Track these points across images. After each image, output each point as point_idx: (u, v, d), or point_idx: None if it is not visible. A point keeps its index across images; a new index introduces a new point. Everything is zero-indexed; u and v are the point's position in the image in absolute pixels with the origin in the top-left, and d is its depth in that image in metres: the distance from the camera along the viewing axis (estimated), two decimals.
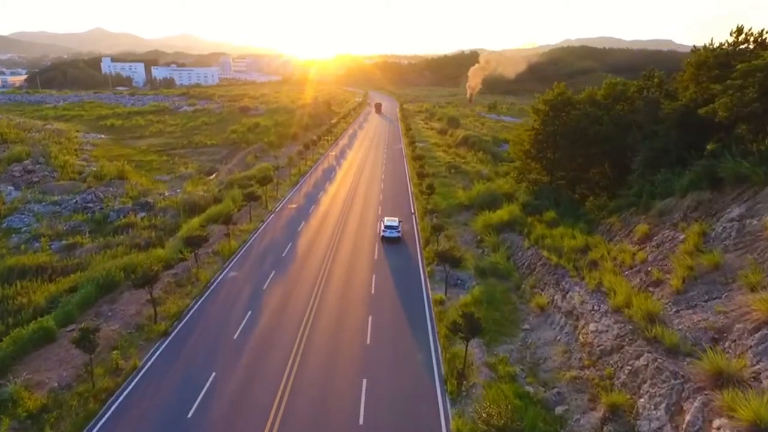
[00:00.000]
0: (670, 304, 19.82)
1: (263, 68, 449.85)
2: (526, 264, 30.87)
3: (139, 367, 21.67)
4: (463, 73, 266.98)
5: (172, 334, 24.58)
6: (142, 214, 44.94)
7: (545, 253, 29.21)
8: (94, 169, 60.98)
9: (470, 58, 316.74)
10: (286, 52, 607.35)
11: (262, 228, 41.07)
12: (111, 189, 52.30)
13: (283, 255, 35.29)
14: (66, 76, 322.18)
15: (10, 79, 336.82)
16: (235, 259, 34.41)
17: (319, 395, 20.11)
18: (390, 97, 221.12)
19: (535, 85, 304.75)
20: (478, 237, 38.30)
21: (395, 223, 38.82)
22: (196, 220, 39.83)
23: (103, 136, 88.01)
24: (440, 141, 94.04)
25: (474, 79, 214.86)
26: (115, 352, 21.89)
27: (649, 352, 17.60)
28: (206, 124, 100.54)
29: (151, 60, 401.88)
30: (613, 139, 36.13)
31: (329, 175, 62.34)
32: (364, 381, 21.06)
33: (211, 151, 75.45)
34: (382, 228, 38.87)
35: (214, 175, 61.28)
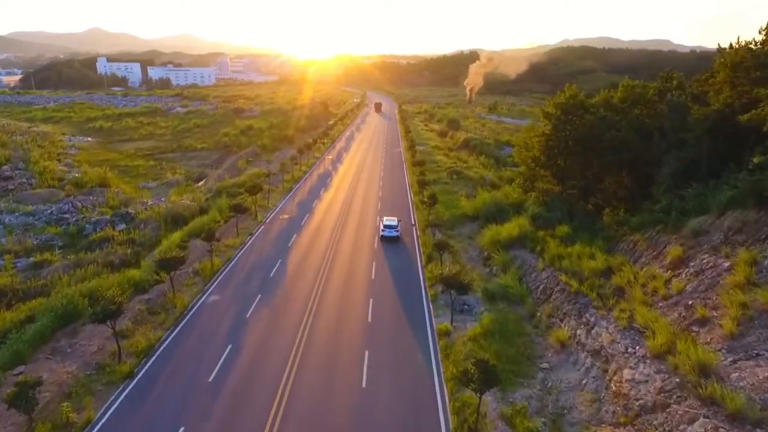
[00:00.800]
0: (723, 351, 16.64)
1: (261, 68, 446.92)
2: (540, 288, 27.68)
3: (93, 420, 18.39)
4: (462, 73, 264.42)
5: (138, 376, 21.32)
6: (121, 227, 41.69)
7: (563, 278, 26.01)
8: (77, 175, 57.66)
9: (469, 58, 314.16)
10: (285, 52, 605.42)
11: (249, 242, 37.81)
12: (91, 198, 49.01)
13: (272, 274, 32.05)
14: (61, 76, 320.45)
15: (6, 79, 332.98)
16: (218, 280, 31.15)
17: None
18: (389, 98, 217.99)
19: (535, 86, 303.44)
20: (485, 253, 35.12)
21: (394, 222, 39.35)
22: (176, 235, 36.59)
23: (90, 139, 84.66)
24: (441, 144, 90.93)
25: (475, 77, 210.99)
26: (65, 404, 18.60)
27: (706, 416, 14.42)
28: (198, 127, 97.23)
29: (147, 60, 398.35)
30: (632, 147, 32.97)
31: (325, 181, 59.12)
32: None
33: (201, 156, 72.19)
34: (381, 227, 39.22)
35: (202, 182, 58.01)
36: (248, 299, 28.54)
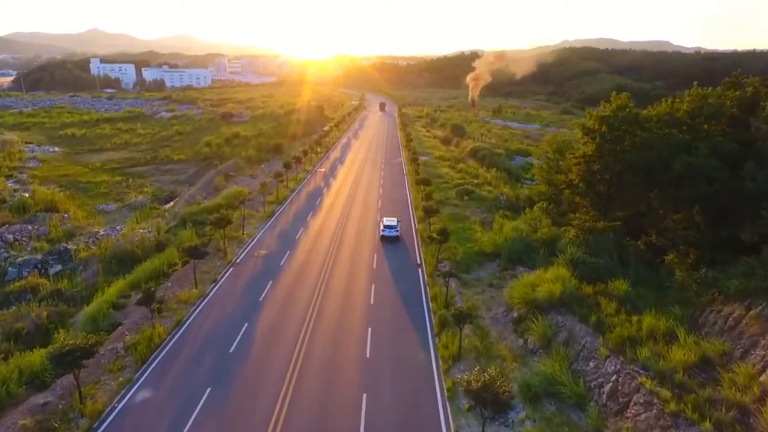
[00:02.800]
0: None
1: (260, 69, 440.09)
2: (606, 388, 19.38)
3: None
4: (464, 74, 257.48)
5: None
6: (57, 269, 33.50)
7: (647, 383, 17.71)
8: (25, 195, 49.41)
9: (470, 59, 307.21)
10: (284, 53, 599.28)
11: (210, 295, 29.51)
12: (30, 227, 40.74)
13: (231, 350, 23.79)
14: (53, 78, 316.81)
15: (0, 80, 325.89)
16: (157, 360, 22.90)
17: None
18: (389, 100, 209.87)
19: (537, 87, 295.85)
20: (515, 313, 26.89)
21: (394, 223, 39.77)
22: (113, 289, 28.30)
23: (56, 149, 76.32)
24: (445, 153, 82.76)
25: (483, 74, 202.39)
26: None
27: None
28: (180, 134, 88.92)
29: (142, 61, 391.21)
30: (714, 179, 24.79)
31: (314, 202, 50.81)
32: None
33: (176, 169, 63.92)
34: (382, 227, 39.61)
35: (171, 204, 49.77)
36: (193, 396, 20.32)
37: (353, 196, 53.85)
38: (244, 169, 64.19)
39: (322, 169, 68.19)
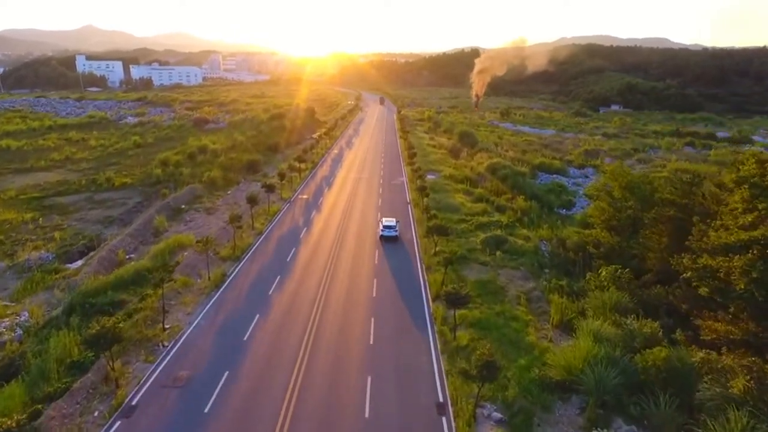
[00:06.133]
0: None
1: (254, 67, 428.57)
2: None
3: None
4: (465, 71, 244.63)
5: None
6: None
7: None
8: None
9: (471, 56, 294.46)
10: (280, 50, 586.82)
11: None
12: None
13: None
14: (37, 75, 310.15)
15: None
16: None
17: None
18: (387, 100, 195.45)
19: (541, 86, 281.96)
20: None
21: (393, 223, 38.82)
22: None
23: None
24: (455, 170, 68.41)
25: (499, 68, 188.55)
26: None
27: None
28: (138, 146, 74.19)
29: (131, 58, 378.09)
30: None
31: (285, 257, 36.24)
32: None
33: (114, 199, 49.31)
34: (381, 227, 38.81)
35: (82, 262, 35.28)
36: None
37: (341, 241, 39.44)
38: (201, 199, 49.68)
39: (304, 196, 53.85)
